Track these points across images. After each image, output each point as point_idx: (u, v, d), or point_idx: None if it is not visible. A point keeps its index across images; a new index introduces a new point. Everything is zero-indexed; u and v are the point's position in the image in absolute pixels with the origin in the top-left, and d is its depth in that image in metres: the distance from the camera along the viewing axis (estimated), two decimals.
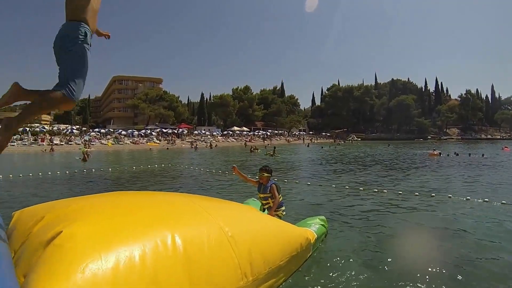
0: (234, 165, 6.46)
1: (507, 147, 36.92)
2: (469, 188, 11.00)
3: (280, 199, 5.52)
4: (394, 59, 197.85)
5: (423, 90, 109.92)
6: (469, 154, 27.59)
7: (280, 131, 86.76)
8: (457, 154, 27.85)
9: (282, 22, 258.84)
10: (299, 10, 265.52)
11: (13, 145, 42.05)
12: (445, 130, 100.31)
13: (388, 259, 4.64)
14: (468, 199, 8.50)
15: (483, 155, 26.73)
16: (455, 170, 16.68)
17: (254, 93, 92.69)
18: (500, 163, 20.59)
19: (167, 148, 45.72)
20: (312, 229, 4.89)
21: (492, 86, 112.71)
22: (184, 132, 66.30)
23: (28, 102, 2.44)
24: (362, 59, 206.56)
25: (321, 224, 5.32)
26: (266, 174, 5.52)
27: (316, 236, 4.76)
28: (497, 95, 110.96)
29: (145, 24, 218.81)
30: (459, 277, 4.05)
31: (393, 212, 7.50)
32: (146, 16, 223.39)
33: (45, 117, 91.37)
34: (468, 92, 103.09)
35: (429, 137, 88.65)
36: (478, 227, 6.20)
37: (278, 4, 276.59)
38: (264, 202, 5.57)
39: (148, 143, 52.44)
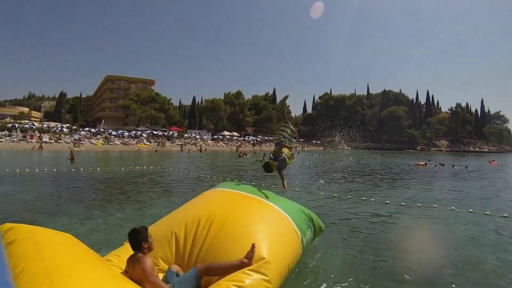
0: None
1: (494, 161, 37.50)
2: (453, 198, 11.22)
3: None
4: (386, 70, 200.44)
5: (414, 102, 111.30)
6: (453, 166, 28.12)
7: (270, 137, 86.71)
8: (443, 165, 28.39)
9: (276, 29, 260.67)
10: (294, 18, 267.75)
11: (1, 141, 41.50)
12: (434, 141, 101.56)
13: (379, 263, 4.81)
14: (453, 209, 8.67)
15: (466, 167, 27.37)
16: (440, 181, 16.94)
17: (245, 99, 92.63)
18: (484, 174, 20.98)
19: (156, 150, 45.23)
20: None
21: (482, 101, 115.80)
22: (174, 135, 65.91)
23: None
24: (355, 69, 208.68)
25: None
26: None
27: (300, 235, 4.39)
28: (486, 110, 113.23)
29: (142, 25, 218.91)
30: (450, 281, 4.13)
31: (380, 219, 7.61)
32: (144, 18, 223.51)
33: (35, 113, 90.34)
34: (458, 105, 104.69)
35: (418, 148, 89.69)
36: (465, 235, 6.33)
37: (273, 10, 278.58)
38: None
39: (138, 145, 52.08)
